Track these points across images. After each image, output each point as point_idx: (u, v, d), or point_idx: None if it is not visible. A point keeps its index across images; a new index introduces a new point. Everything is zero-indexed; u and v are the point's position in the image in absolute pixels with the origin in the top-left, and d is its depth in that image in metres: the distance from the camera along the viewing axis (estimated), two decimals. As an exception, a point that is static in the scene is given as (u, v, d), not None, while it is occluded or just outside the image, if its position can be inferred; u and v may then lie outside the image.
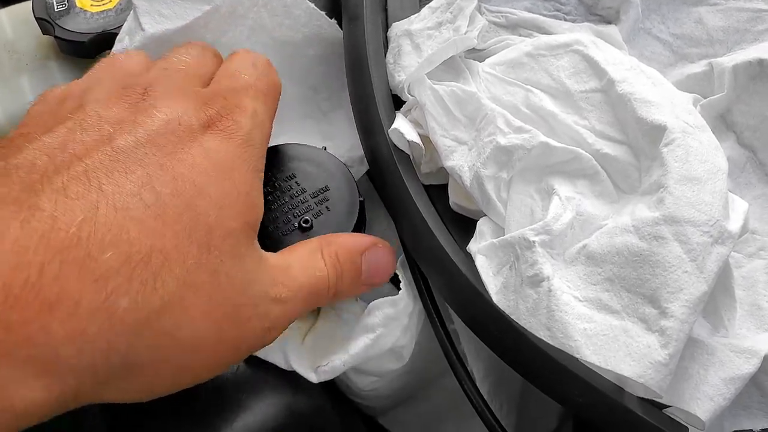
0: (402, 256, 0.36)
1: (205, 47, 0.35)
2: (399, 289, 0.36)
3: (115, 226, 0.23)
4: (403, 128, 0.34)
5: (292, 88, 0.44)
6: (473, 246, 0.32)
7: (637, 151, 0.32)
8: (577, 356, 0.28)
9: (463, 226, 0.35)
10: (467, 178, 0.33)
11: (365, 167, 0.43)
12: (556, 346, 0.28)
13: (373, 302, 0.34)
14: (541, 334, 0.28)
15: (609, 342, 0.28)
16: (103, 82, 0.30)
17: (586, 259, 0.29)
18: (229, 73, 0.32)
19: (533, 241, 0.29)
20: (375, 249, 0.33)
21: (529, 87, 0.34)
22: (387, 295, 0.41)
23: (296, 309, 0.29)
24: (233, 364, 0.33)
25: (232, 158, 0.28)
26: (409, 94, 0.35)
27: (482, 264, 0.31)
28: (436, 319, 0.34)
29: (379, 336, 0.33)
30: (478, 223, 0.33)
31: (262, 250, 0.29)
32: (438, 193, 0.36)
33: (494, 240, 0.31)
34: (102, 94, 0.29)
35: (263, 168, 0.31)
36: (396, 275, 0.37)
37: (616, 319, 0.28)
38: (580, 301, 0.29)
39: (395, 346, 0.35)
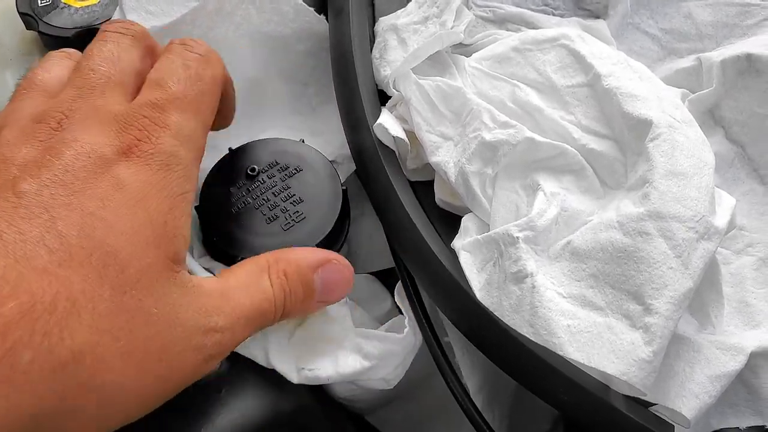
0: (399, 284, 0.36)
1: (132, 42, 0.31)
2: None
3: (15, 278, 0.21)
4: (387, 123, 0.34)
5: (280, 83, 0.44)
6: (457, 242, 0.31)
7: (623, 146, 0.32)
8: (561, 353, 0.27)
9: (449, 222, 0.34)
10: (452, 174, 0.32)
11: (354, 165, 0.42)
12: (540, 343, 0.28)
13: (375, 332, 0.34)
14: (525, 331, 0.28)
15: (593, 339, 0.27)
16: (19, 116, 0.28)
17: (571, 255, 0.29)
18: (155, 82, 0.29)
19: (517, 237, 0.29)
20: (329, 265, 0.32)
21: (515, 82, 0.34)
22: (375, 295, 0.41)
23: (237, 335, 0.28)
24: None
25: (146, 186, 0.26)
26: (395, 89, 0.35)
27: (466, 260, 0.30)
28: (431, 335, 0.34)
29: (374, 367, 0.33)
30: (462, 219, 0.33)
31: (196, 277, 0.28)
32: (424, 189, 0.35)
33: (478, 236, 0.31)
34: (13, 134, 0.27)
35: (193, 187, 0.29)
36: (393, 283, 0.37)
37: (600, 315, 0.28)
38: (564, 297, 0.28)
39: (385, 377, 0.35)
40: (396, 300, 0.36)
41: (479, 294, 0.30)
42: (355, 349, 0.34)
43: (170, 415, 0.31)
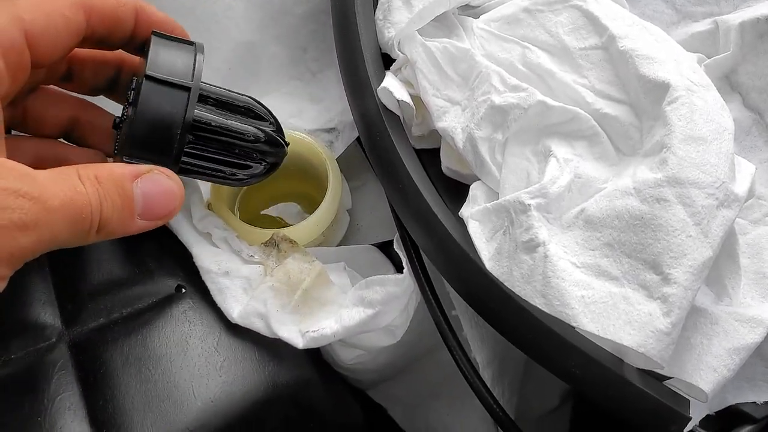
0: (397, 235, 0.35)
1: None
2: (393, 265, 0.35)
3: None
4: (392, 87, 0.32)
5: (277, 48, 0.42)
6: (465, 211, 0.30)
7: (638, 110, 0.30)
8: (574, 325, 0.26)
9: (456, 191, 0.33)
10: (460, 140, 0.31)
11: (356, 133, 0.41)
12: (552, 314, 0.27)
13: (373, 277, 0.33)
14: (537, 301, 0.27)
15: (608, 310, 0.26)
16: None
17: (585, 223, 0.28)
18: None
19: (529, 205, 0.28)
20: (149, 176, 0.28)
21: (526, 44, 0.32)
22: (377, 266, 0.40)
23: (50, 214, 0.24)
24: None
25: None
26: (400, 51, 0.34)
27: (475, 229, 0.29)
28: (436, 306, 0.33)
29: (378, 313, 0.32)
30: (471, 187, 0.31)
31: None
32: (430, 158, 0.34)
33: (488, 204, 0.29)
34: None
35: None
36: (395, 254, 0.36)
37: (616, 286, 0.27)
38: (578, 267, 0.27)
39: (391, 324, 0.34)
40: (395, 248, 0.35)
41: (489, 264, 0.28)
42: (357, 301, 0.33)
43: (166, 387, 0.30)
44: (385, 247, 0.40)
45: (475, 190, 0.31)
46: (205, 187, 0.39)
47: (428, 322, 0.34)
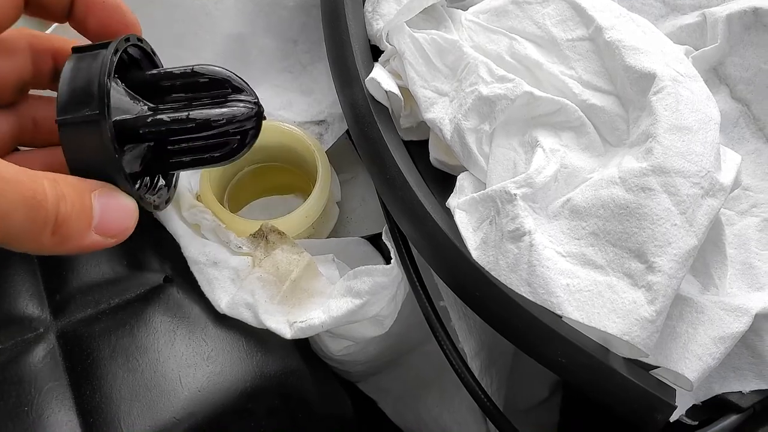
0: (386, 227, 0.35)
1: None
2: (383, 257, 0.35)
3: None
4: (380, 78, 0.32)
5: (268, 40, 0.42)
6: (453, 201, 0.30)
7: (625, 101, 0.30)
8: (559, 313, 0.26)
9: (444, 183, 0.33)
10: (448, 131, 0.31)
11: (346, 125, 0.41)
12: (538, 302, 0.27)
13: (361, 267, 0.33)
14: (522, 290, 0.27)
15: (593, 298, 0.26)
16: None
17: (570, 213, 0.28)
18: None
19: (515, 195, 0.28)
20: (108, 190, 0.27)
21: (513, 35, 0.32)
22: (367, 259, 0.40)
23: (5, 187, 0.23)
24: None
25: None
26: (388, 42, 0.34)
27: (461, 219, 0.29)
28: (424, 297, 0.33)
29: (366, 303, 0.32)
30: (458, 177, 0.31)
31: None
32: (418, 149, 0.34)
33: (474, 194, 0.29)
34: None
35: None
36: (385, 246, 0.36)
37: (601, 274, 0.27)
38: (563, 256, 0.27)
39: (379, 314, 0.34)
40: (383, 239, 0.35)
41: (475, 253, 0.28)
42: (344, 291, 0.33)
43: (153, 377, 0.30)
44: (375, 240, 0.41)
45: (462, 180, 0.31)
46: (194, 178, 0.39)
47: (417, 314, 0.34)
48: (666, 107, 0.28)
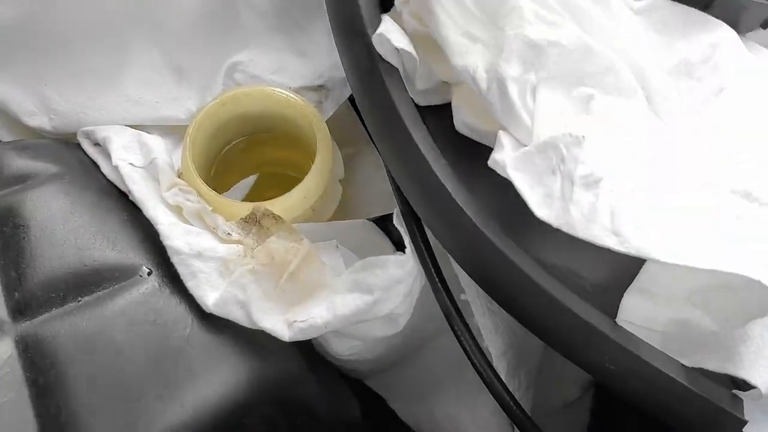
0: (397, 209, 0.30)
1: None
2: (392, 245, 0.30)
3: None
4: (390, 33, 0.27)
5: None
6: (498, 155, 0.25)
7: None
8: (660, 260, 0.22)
9: (468, 157, 0.28)
10: (483, 80, 0.26)
11: (348, 91, 0.36)
12: (631, 253, 0.22)
13: (371, 258, 0.28)
14: (608, 242, 0.22)
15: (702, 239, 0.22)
16: None
17: None
18: None
19: (582, 136, 0.23)
20: None
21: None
22: (374, 244, 0.35)
23: None
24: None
25: None
26: None
27: (515, 175, 0.24)
28: (443, 290, 0.28)
29: (377, 300, 0.27)
30: (499, 134, 0.26)
31: None
32: (435, 117, 0.29)
33: (528, 147, 0.25)
34: None
35: None
36: (395, 230, 0.31)
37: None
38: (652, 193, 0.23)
39: (392, 312, 0.29)
40: (395, 223, 0.31)
41: (539, 211, 0.24)
42: (352, 286, 0.28)
43: (129, 389, 0.25)
44: (383, 222, 0.36)
45: (504, 138, 0.26)
46: (176, 152, 0.34)
47: (431, 304, 0.30)
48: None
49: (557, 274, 0.26)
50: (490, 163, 0.25)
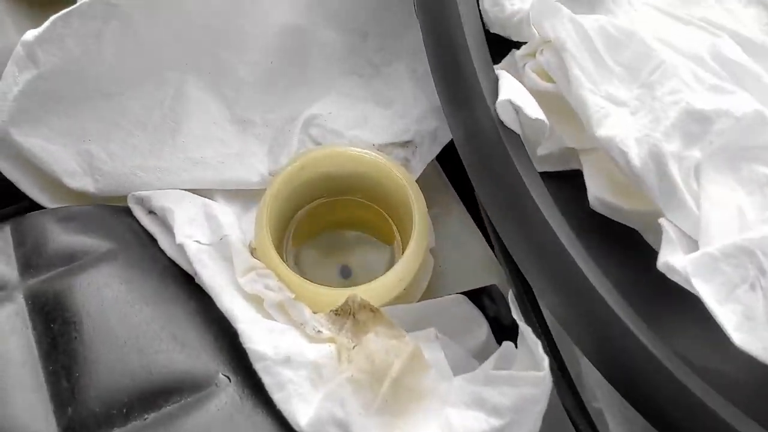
0: (512, 291, 0.25)
1: None
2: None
3: None
4: (518, 100, 0.23)
5: (330, 32, 0.33)
6: (672, 258, 0.20)
7: None
8: None
9: (600, 237, 0.24)
10: (635, 155, 0.22)
11: (439, 146, 0.31)
12: None
13: (500, 372, 0.23)
14: None
15: None
16: None
17: None
18: None
19: None
20: None
21: (714, 29, 0.23)
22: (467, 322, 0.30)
23: None
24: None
25: None
26: (533, 27, 0.24)
27: (704, 289, 0.20)
28: (570, 396, 0.24)
29: (508, 425, 0.22)
30: (663, 224, 0.22)
31: None
32: (555, 188, 0.25)
33: (710, 249, 0.20)
34: None
35: None
36: (490, 305, 0.26)
37: None
38: None
39: None
40: (513, 315, 0.26)
41: (737, 337, 0.19)
42: (473, 402, 0.23)
43: None
44: (474, 296, 0.31)
45: (671, 230, 0.21)
46: (247, 220, 0.29)
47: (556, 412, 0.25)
48: None
49: (710, 379, 0.21)
50: (660, 266, 0.21)
